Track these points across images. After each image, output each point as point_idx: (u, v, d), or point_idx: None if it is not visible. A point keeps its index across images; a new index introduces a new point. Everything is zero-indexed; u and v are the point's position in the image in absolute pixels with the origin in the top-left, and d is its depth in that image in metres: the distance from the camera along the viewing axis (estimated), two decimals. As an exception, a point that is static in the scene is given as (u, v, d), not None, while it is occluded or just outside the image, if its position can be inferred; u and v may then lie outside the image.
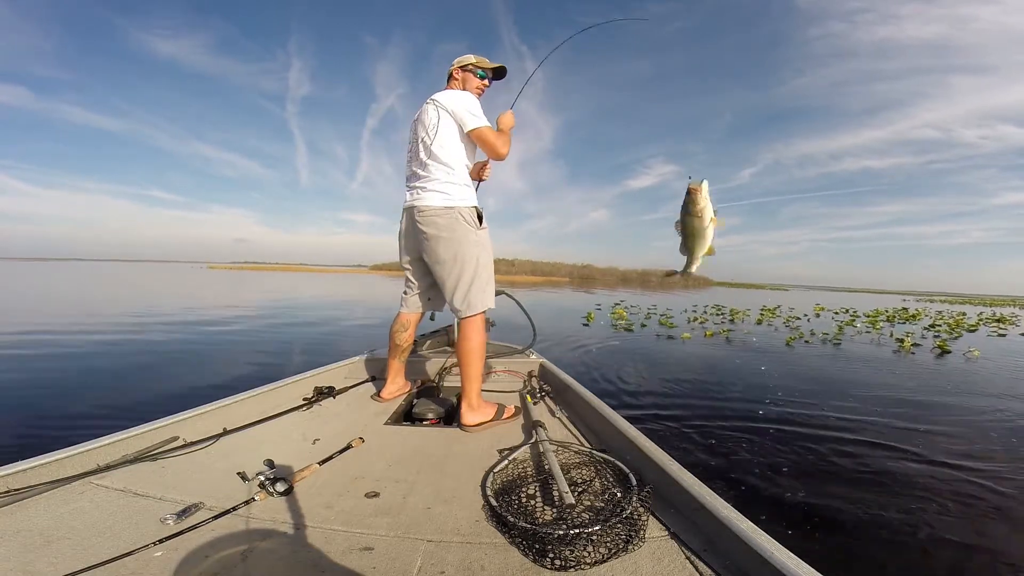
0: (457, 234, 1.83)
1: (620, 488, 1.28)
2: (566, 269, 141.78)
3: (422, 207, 1.85)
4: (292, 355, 5.81)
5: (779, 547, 0.90)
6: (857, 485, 2.53)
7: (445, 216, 1.83)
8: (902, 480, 2.61)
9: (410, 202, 1.92)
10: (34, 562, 0.97)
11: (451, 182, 1.85)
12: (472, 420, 1.84)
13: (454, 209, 1.84)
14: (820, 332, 9.83)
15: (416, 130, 1.92)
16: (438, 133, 1.85)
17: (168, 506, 1.20)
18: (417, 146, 1.90)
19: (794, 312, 15.65)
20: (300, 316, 10.23)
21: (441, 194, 1.84)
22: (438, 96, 1.88)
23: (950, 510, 2.28)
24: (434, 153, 1.84)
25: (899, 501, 2.35)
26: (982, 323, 14.23)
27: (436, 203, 1.84)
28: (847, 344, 8.43)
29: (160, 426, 1.58)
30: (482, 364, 1.90)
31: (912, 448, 3.08)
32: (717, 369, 5.69)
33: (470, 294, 1.85)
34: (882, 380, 5.42)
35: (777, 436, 3.21)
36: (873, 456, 2.94)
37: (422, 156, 1.87)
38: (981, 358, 7.25)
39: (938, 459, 2.91)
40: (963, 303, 42.73)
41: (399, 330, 2.14)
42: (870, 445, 3.12)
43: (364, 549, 1.05)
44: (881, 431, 3.42)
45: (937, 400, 4.54)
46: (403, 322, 2.14)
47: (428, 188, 1.85)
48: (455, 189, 1.86)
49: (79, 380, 4.25)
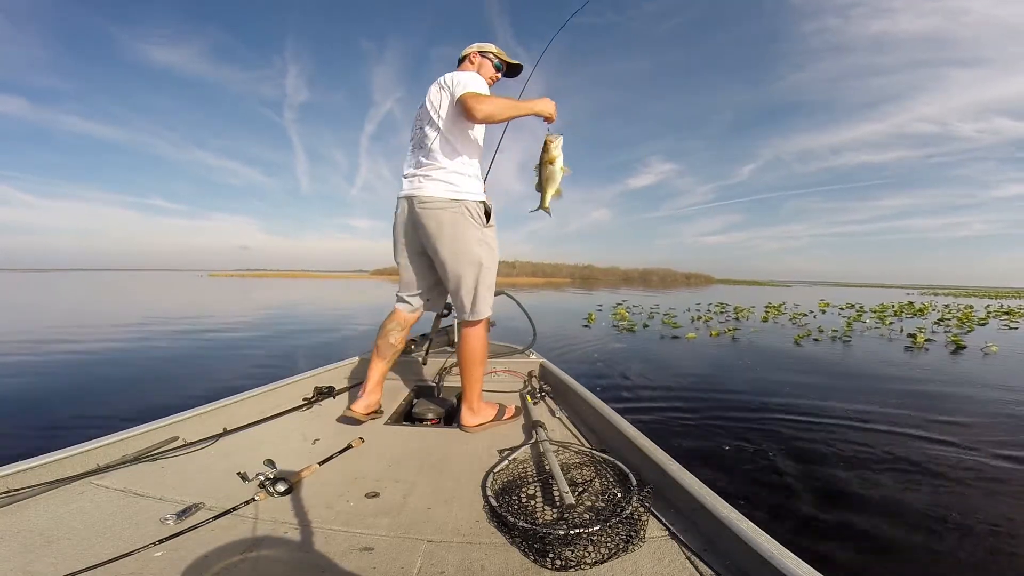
0: (461, 231, 1.68)
1: (620, 488, 1.28)
2: (567, 270, 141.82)
3: (424, 197, 1.68)
4: (288, 359, 5.79)
5: (779, 547, 0.90)
6: (892, 486, 2.41)
7: (449, 210, 1.67)
8: (943, 478, 2.50)
9: (409, 191, 1.74)
10: (34, 562, 0.97)
11: (458, 172, 1.69)
12: (472, 422, 1.79)
13: (460, 203, 1.68)
14: (829, 329, 9.61)
15: (420, 113, 1.78)
16: (446, 116, 1.69)
17: (168, 506, 1.20)
18: (422, 130, 1.74)
19: (799, 309, 15.43)
20: (295, 324, 10.14)
21: (446, 184, 1.67)
22: (445, 76, 1.73)
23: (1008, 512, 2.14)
24: (441, 138, 1.68)
25: (957, 505, 2.21)
26: (991, 316, 13.95)
27: (440, 194, 1.67)
28: (857, 341, 8.24)
29: (160, 426, 1.58)
30: (484, 368, 1.83)
31: (951, 444, 2.99)
32: (725, 370, 5.52)
33: (476, 298, 1.74)
34: (901, 375, 5.29)
35: (792, 440, 3.08)
36: (901, 455, 2.82)
37: (427, 141, 1.71)
38: (1000, 353, 7.03)
39: (978, 455, 2.82)
40: (967, 296, 42.29)
41: (394, 328, 1.91)
42: (898, 444, 3.01)
43: (364, 549, 1.05)
44: (913, 431, 3.29)
45: (968, 393, 4.44)
46: (399, 320, 1.93)
47: (432, 177, 1.68)
48: (462, 180, 1.70)
49: (74, 385, 4.26)
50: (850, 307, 17.15)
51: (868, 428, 3.38)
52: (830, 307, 17.00)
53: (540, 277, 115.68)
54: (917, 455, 2.84)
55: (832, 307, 17.10)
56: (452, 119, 1.68)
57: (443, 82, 1.71)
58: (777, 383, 4.77)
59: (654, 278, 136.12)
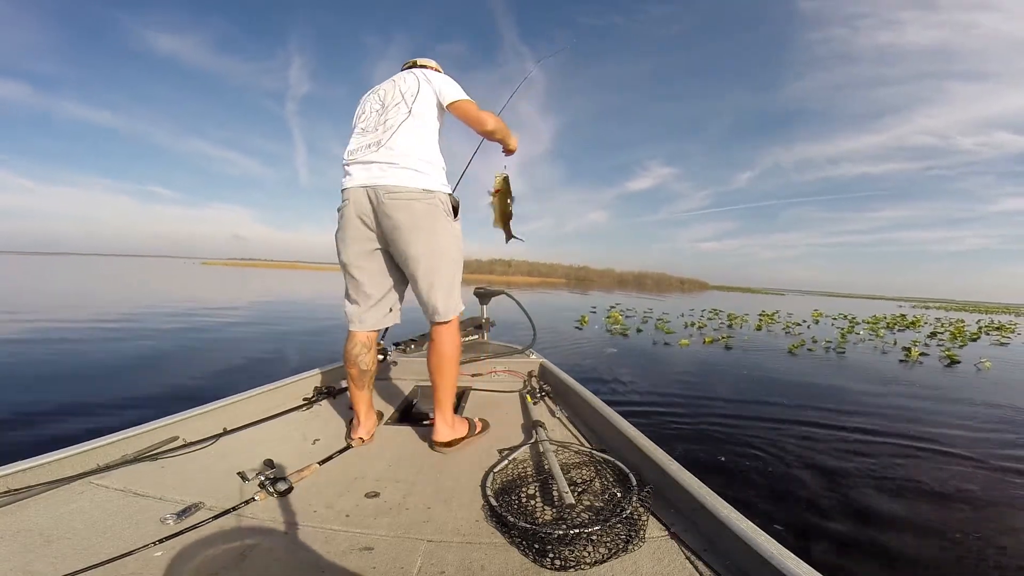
0: (437, 224, 1.53)
1: (620, 488, 1.28)
2: (563, 270, 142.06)
3: (393, 187, 1.48)
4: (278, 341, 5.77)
5: (779, 547, 0.91)
6: (892, 496, 2.43)
7: (423, 201, 1.50)
8: (938, 490, 2.53)
9: (368, 180, 1.50)
10: (34, 562, 0.96)
11: (428, 161, 1.54)
12: (448, 437, 1.60)
13: (433, 194, 1.52)
14: (823, 340, 9.70)
15: (384, 96, 1.60)
16: (418, 102, 1.55)
17: (168, 506, 1.20)
18: (385, 114, 1.56)
19: (793, 318, 15.54)
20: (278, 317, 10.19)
21: (418, 173, 1.50)
22: (416, 69, 1.64)
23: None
24: (411, 125, 1.52)
25: (959, 519, 2.23)
26: (983, 331, 14.21)
27: (412, 183, 1.49)
28: (851, 352, 8.30)
29: (160, 426, 1.58)
30: (458, 371, 1.68)
31: (955, 456, 3.02)
32: (717, 378, 5.47)
33: (452, 295, 1.60)
34: (895, 390, 5.29)
35: (788, 450, 3.06)
36: (906, 471, 2.83)
37: (392, 126, 1.52)
38: (993, 369, 7.17)
39: (981, 467, 2.86)
40: (959, 310, 43.02)
41: (361, 352, 1.65)
42: (900, 458, 3.03)
43: (364, 549, 1.05)
44: (914, 444, 3.33)
45: (962, 410, 4.49)
46: (362, 342, 1.66)
47: (399, 165, 1.49)
48: (434, 171, 1.55)
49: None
50: (843, 318, 17.30)
51: (868, 440, 3.37)
52: (823, 317, 17.14)
53: (535, 277, 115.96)
54: (924, 471, 2.84)
55: (825, 317, 17.24)
56: (425, 108, 1.57)
57: (423, 76, 1.61)
58: (771, 393, 4.75)
59: (649, 282, 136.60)
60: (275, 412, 1.91)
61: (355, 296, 1.65)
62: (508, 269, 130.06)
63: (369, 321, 1.66)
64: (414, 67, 1.71)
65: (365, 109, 1.63)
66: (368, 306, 1.65)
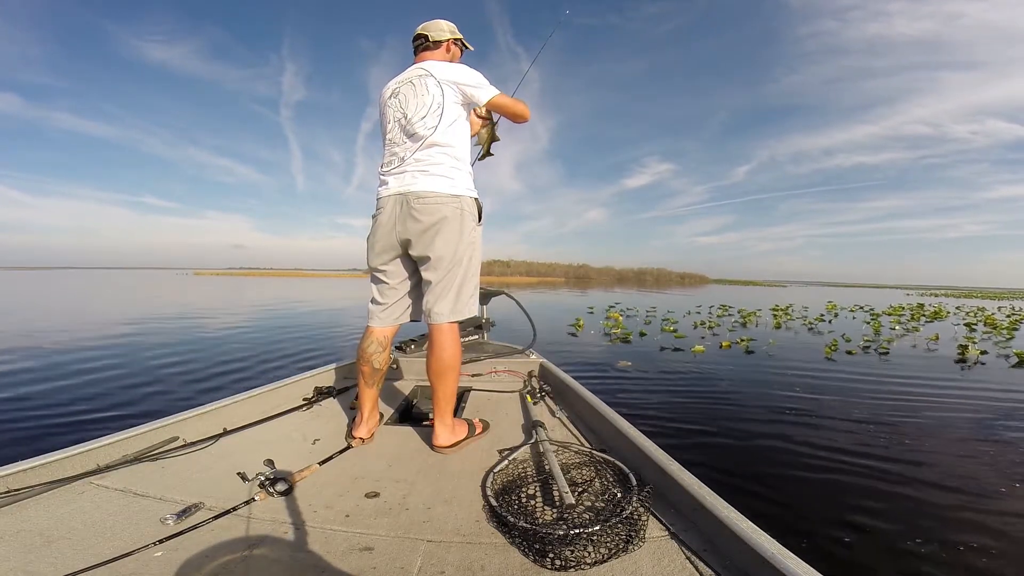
0: (460, 227, 1.62)
1: (620, 488, 1.28)
2: (562, 269, 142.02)
3: (423, 192, 1.59)
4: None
5: (779, 547, 0.90)
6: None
7: (450, 205, 1.60)
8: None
9: (400, 188, 1.61)
10: (34, 562, 0.96)
11: (457, 168, 1.64)
12: (449, 441, 1.63)
13: (460, 199, 1.62)
14: (855, 337, 8.36)
15: (404, 104, 1.65)
16: (444, 112, 1.61)
17: (168, 506, 1.20)
18: (411, 125, 1.63)
19: (808, 312, 14.24)
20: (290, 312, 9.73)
21: (447, 179, 1.61)
22: (432, 68, 1.64)
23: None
24: (438, 134, 1.60)
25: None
26: (1016, 321, 12.40)
27: (441, 189, 1.60)
28: (895, 353, 6.92)
29: (160, 426, 1.58)
30: (458, 376, 1.71)
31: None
32: (752, 398, 4.14)
33: (461, 298, 1.66)
34: (986, 406, 3.92)
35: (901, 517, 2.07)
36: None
37: (423, 135, 1.61)
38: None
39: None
40: (967, 296, 40.71)
41: (376, 351, 1.72)
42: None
43: (364, 549, 1.05)
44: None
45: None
46: (379, 340, 1.74)
47: (430, 172, 1.60)
48: (461, 177, 1.65)
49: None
50: (860, 309, 16.34)
51: (969, 493, 2.31)
52: (841, 309, 15.95)
53: (534, 276, 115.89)
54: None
55: (841, 309, 16.06)
56: (451, 115, 1.62)
57: (436, 76, 1.63)
58: (835, 424, 3.42)
59: (649, 278, 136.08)
60: (275, 412, 1.91)
61: (379, 297, 1.76)
62: (507, 269, 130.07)
63: (387, 317, 1.76)
64: (426, 48, 1.75)
65: (389, 117, 1.70)
66: (387, 303, 1.75)
